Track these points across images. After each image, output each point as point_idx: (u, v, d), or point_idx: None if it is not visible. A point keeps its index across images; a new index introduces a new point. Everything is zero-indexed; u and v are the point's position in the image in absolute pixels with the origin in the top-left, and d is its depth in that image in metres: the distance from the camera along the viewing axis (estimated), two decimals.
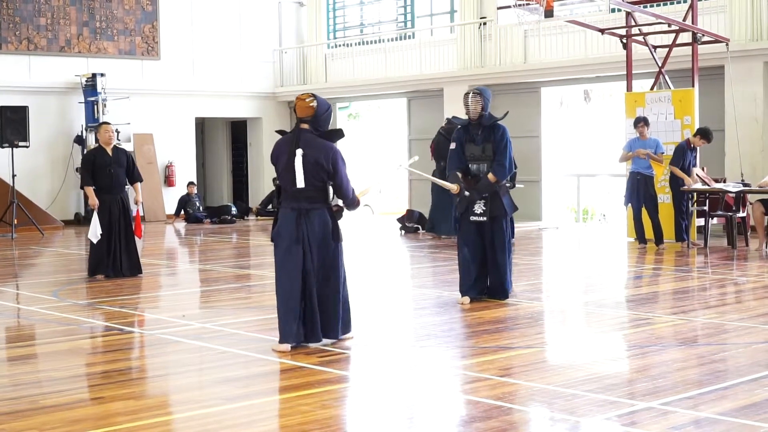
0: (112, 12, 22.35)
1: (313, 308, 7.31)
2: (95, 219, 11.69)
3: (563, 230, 18.16)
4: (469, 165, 9.47)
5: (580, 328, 8.62)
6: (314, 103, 7.36)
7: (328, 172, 7.27)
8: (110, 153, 11.90)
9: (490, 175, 9.27)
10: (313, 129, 7.36)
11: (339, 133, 7.50)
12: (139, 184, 12.15)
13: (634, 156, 14.30)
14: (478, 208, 9.34)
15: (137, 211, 12.21)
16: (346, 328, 7.55)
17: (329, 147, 7.31)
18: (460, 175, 9.44)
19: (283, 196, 7.46)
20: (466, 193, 9.35)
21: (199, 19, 23.87)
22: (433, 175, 16.05)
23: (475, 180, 9.41)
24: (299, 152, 7.23)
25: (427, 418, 5.60)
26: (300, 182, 7.24)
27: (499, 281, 9.45)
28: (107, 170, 11.80)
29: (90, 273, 11.89)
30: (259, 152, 25.40)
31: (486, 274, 9.54)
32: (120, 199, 11.91)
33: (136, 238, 12.10)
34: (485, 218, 9.31)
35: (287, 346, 7.24)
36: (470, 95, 9.46)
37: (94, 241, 11.67)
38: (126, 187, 12.08)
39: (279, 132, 7.76)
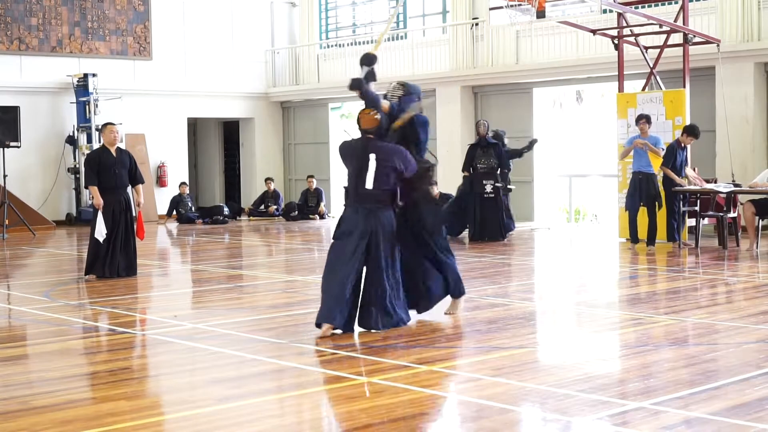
0: (104, 12, 22.33)
1: (377, 297, 7.80)
2: (100, 218, 11.70)
3: (555, 231, 18.18)
4: None
5: (572, 329, 8.64)
6: (378, 116, 7.92)
7: (401, 171, 7.81)
8: (114, 153, 11.93)
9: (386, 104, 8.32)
10: (378, 138, 7.91)
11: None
12: (140, 186, 12.16)
13: (633, 148, 14.27)
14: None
15: (139, 212, 12.21)
16: (405, 317, 8.06)
17: (397, 149, 7.88)
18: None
19: (351, 198, 7.93)
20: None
21: (191, 19, 23.85)
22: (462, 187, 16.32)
23: None
24: (373, 157, 7.78)
25: (419, 418, 5.60)
26: (369, 184, 7.75)
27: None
28: (111, 170, 11.82)
29: (86, 271, 11.91)
30: (252, 152, 25.40)
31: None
32: (122, 200, 11.93)
33: (137, 240, 12.14)
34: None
35: (327, 327, 7.64)
36: (393, 84, 8.74)
37: (101, 239, 11.69)
38: (128, 188, 12.13)
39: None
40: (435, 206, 8.27)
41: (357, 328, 7.92)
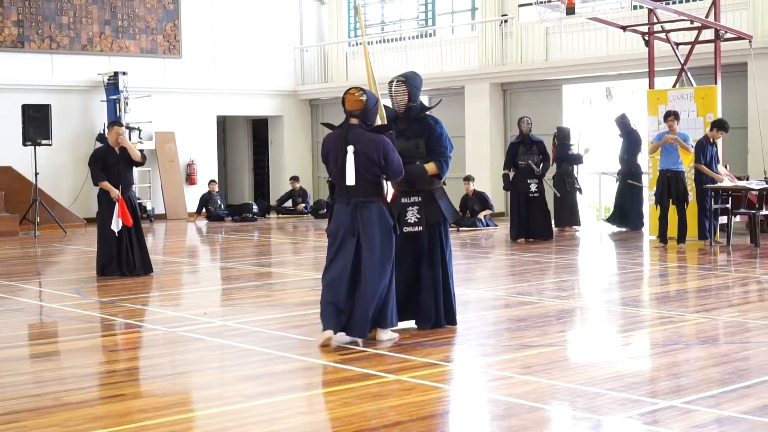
0: (134, 10, 22.45)
1: (363, 301, 7.28)
2: (118, 209, 11.71)
3: (585, 228, 18.09)
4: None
5: (602, 327, 8.59)
6: (364, 97, 7.46)
7: (380, 165, 7.29)
8: (118, 152, 11.94)
9: (430, 165, 7.83)
10: (362, 123, 7.43)
11: (387, 128, 7.54)
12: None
13: (662, 144, 14.13)
14: (412, 216, 7.84)
15: (120, 200, 11.94)
16: (393, 321, 7.52)
17: (379, 139, 7.34)
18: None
19: (338, 192, 7.49)
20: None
21: (221, 17, 23.94)
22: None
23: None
24: (350, 149, 7.29)
25: (449, 416, 5.59)
26: (351, 180, 7.25)
27: (435, 305, 7.93)
28: (115, 169, 11.84)
29: (99, 272, 11.91)
30: (281, 150, 25.46)
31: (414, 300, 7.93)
32: (128, 198, 11.92)
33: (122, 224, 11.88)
34: (421, 228, 7.83)
35: (330, 333, 7.25)
36: (394, 83, 8.03)
37: (116, 230, 11.69)
38: (133, 186, 12.18)
39: (326, 125, 7.78)
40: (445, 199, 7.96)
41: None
